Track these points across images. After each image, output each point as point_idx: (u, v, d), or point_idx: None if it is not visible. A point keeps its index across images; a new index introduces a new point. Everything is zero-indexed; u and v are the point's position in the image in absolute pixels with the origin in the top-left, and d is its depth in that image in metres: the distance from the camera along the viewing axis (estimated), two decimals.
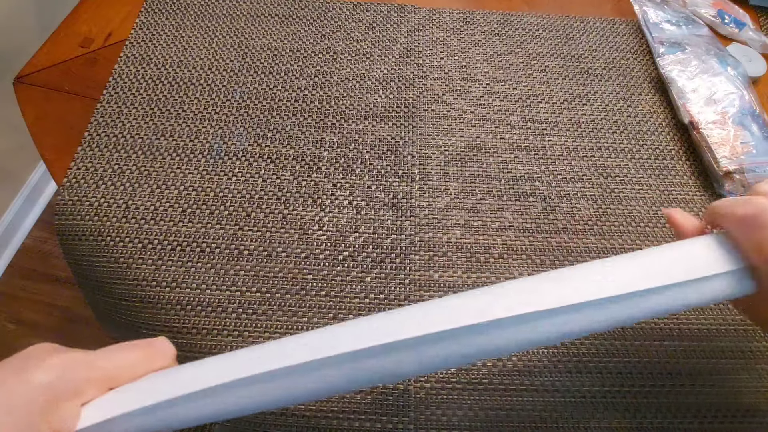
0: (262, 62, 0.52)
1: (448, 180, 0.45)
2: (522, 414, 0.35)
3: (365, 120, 0.48)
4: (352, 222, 0.42)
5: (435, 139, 0.47)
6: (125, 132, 0.46)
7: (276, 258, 0.40)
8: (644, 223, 0.43)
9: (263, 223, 0.42)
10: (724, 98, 0.48)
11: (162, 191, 0.43)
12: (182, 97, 0.49)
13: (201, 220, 0.42)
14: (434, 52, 0.54)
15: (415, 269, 0.40)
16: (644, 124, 0.49)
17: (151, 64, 0.51)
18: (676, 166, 0.47)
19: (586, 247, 0.42)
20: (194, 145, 0.46)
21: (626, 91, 0.52)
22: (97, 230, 0.41)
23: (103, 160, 0.44)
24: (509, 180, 0.45)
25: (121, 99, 0.48)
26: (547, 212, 0.43)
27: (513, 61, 0.53)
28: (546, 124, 0.49)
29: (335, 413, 0.34)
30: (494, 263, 0.41)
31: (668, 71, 0.51)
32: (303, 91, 0.50)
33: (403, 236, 0.42)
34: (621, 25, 0.57)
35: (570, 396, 0.35)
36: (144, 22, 0.54)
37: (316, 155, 0.46)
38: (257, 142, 0.46)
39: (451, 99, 0.50)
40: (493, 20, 0.57)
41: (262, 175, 0.44)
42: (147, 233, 0.41)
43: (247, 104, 0.49)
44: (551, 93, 0.51)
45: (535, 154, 0.47)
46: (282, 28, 0.55)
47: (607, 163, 0.47)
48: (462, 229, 0.42)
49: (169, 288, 0.39)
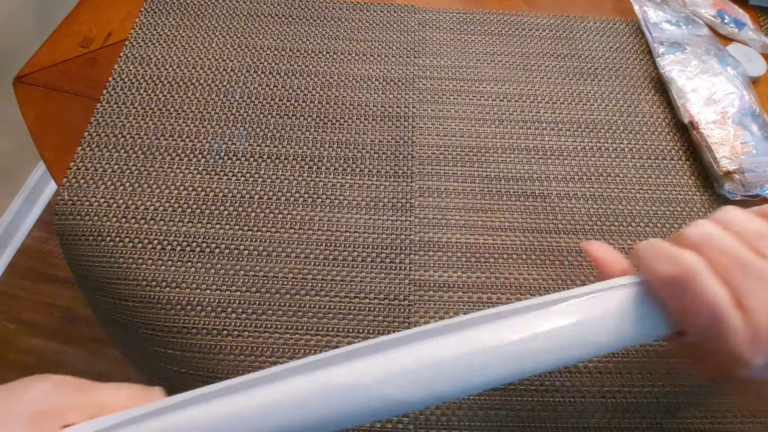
0: (262, 62, 0.52)
1: (448, 180, 0.45)
2: (522, 414, 0.35)
3: (365, 120, 0.48)
4: (352, 222, 0.42)
5: (435, 139, 0.47)
6: (125, 132, 0.46)
7: (276, 258, 0.40)
8: (644, 223, 0.43)
9: (263, 223, 0.42)
10: (724, 98, 0.48)
11: (162, 191, 0.43)
12: (182, 97, 0.49)
13: (201, 220, 0.42)
14: (434, 52, 0.54)
15: (415, 269, 0.40)
16: (644, 124, 0.49)
17: (151, 64, 0.51)
18: (676, 166, 0.47)
19: None
20: (194, 145, 0.46)
21: (626, 91, 0.52)
22: (97, 230, 0.41)
23: (103, 160, 0.44)
24: (509, 180, 0.45)
25: (121, 99, 0.48)
26: (547, 212, 0.43)
27: (513, 61, 0.53)
28: (546, 124, 0.49)
29: None
30: (494, 263, 0.41)
31: (668, 71, 0.51)
32: (303, 91, 0.50)
33: (403, 236, 0.42)
34: (621, 25, 0.57)
35: (570, 396, 0.35)
36: (144, 22, 0.54)
37: (316, 155, 0.46)
38: (257, 142, 0.46)
39: (451, 99, 0.50)
40: (493, 20, 0.57)
41: (262, 175, 0.44)
42: (147, 233, 0.41)
43: (247, 104, 0.49)
44: (551, 93, 0.51)
45: (535, 154, 0.47)
46: (282, 28, 0.55)
47: (607, 163, 0.47)
48: (462, 229, 0.42)
49: (169, 288, 0.39)
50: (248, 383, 0.22)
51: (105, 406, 0.23)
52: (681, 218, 0.44)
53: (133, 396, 0.23)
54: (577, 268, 0.41)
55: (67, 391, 0.22)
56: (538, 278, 0.40)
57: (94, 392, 0.23)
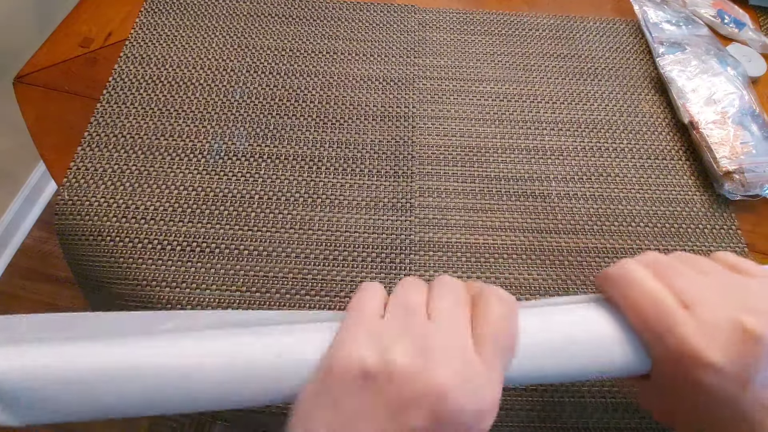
0: (262, 62, 0.52)
1: (448, 180, 0.45)
2: (522, 414, 0.35)
3: (365, 120, 0.48)
4: (352, 222, 0.42)
5: (435, 139, 0.47)
6: (125, 132, 0.46)
7: (276, 258, 0.40)
8: (644, 223, 0.43)
9: (263, 223, 0.42)
10: (723, 98, 0.48)
11: (162, 191, 0.43)
12: (182, 97, 0.49)
13: (201, 220, 0.42)
14: (434, 52, 0.54)
15: (415, 269, 0.40)
16: (644, 124, 0.49)
17: (151, 64, 0.51)
18: (676, 166, 0.47)
19: (586, 247, 0.42)
20: (194, 145, 0.46)
21: (626, 91, 0.52)
22: (97, 230, 0.41)
23: (103, 160, 0.44)
24: (509, 180, 0.45)
25: (121, 99, 0.48)
26: (547, 212, 0.43)
27: (513, 61, 0.53)
28: (546, 124, 0.49)
29: None
30: (494, 263, 0.41)
31: (668, 71, 0.51)
32: (303, 91, 0.50)
33: (403, 236, 0.42)
34: (621, 25, 0.57)
35: (570, 396, 0.35)
36: (144, 22, 0.54)
37: (316, 155, 0.46)
38: (257, 142, 0.46)
39: (451, 99, 0.50)
40: (493, 20, 0.57)
41: (262, 175, 0.44)
42: (147, 233, 0.41)
43: (247, 104, 0.49)
44: (551, 93, 0.51)
45: (535, 154, 0.47)
46: (282, 28, 0.55)
47: (607, 163, 0.47)
48: (462, 229, 0.42)
49: (169, 288, 0.39)
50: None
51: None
52: (681, 218, 0.44)
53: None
54: (577, 268, 0.41)
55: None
56: (538, 278, 0.40)
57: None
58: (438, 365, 0.21)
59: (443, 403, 0.20)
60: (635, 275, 0.26)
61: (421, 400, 0.20)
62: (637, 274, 0.26)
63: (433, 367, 0.21)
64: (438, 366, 0.21)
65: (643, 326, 0.24)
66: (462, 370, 0.21)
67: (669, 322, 0.24)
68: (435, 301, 0.24)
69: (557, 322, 0.25)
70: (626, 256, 0.41)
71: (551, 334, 0.25)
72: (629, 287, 0.25)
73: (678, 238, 0.43)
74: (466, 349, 0.22)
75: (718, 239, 0.43)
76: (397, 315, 0.23)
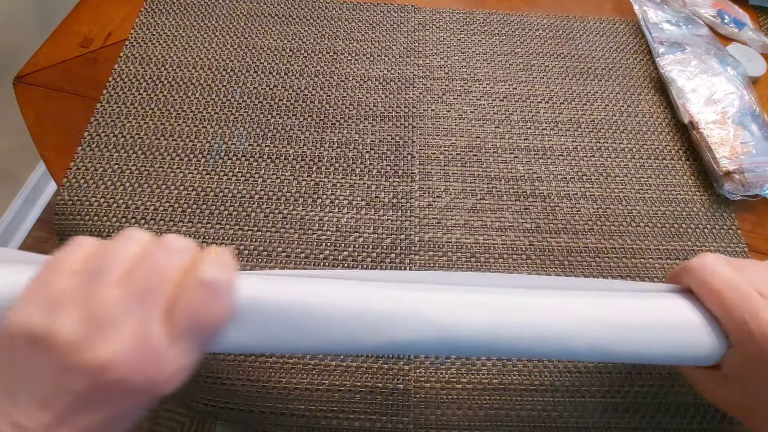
0: (262, 62, 0.52)
1: (448, 180, 0.45)
2: (522, 414, 0.35)
3: (365, 120, 0.48)
4: (352, 222, 0.42)
5: (435, 139, 0.47)
6: (125, 132, 0.46)
7: (276, 258, 0.40)
8: (644, 223, 0.43)
9: (263, 223, 0.42)
10: (723, 98, 0.48)
11: (162, 191, 0.43)
12: (182, 97, 0.49)
13: (201, 220, 0.42)
14: (434, 52, 0.54)
15: (415, 269, 0.40)
16: (644, 124, 0.49)
17: (151, 64, 0.51)
18: (676, 166, 0.47)
19: (586, 247, 0.42)
20: (194, 145, 0.46)
21: (626, 91, 0.52)
22: (97, 230, 0.41)
23: (103, 160, 0.44)
24: (509, 180, 0.45)
25: (121, 99, 0.48)
26: (547, 212, 0.44)
27: (513, 61, 0.53)
28: (546, 124, 0.49)
29: (335, 413, 0.35)
30: (494, 263, 0.41)
31: (668, 71, 0.51)
32: (303, 91, 0.50)
33: (403, 236, 0.42)
34: (621, 25, 0.57)
35: (570, 396, 0.35)
36: (144, 22, 0.54)
37: (316, 155, 0.46)
38: (257, 142, 0.46)
39: (451, 99, 0.50)
40: (493, 20, 0.57)
41: (262, 175, 0.44)
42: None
43: (247, 104, 0.49)
44: (551, 93, 0.51)
45: (535, 154, 0.47)
46: (282, 28, 0.55)
47: (607, 163, 0.47)
48: (462, 229, 0.42)
49: None
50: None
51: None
52: (681, 218, 0.44)
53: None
54: (577, 268, 0.41)
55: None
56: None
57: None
58: (104, 340, 0.21)
59: (105, 375, 0.20)
60: (716, 266, 0.27)
61: (82, 370, 0.20)
62: (717, 264, 0.27)
63: (98, 342, 0.21)
64: (104, 341, 0.21)
65: (724, 312, 0.25)
66: (133, 345, 0.21)
67: (752, 306, 0.25)
68: (139, 265, 0.23)
69: (636, 308, 0.26)
70: (626, 256, 0.41)
71: (634, 317, 0.26)
72: (710, 275, 0.27)
73: (678, 238, 0.43)
74: (147, 322, 0.21)
75: (718, 239, 0.43)
76: (84, 277, 0.22)
